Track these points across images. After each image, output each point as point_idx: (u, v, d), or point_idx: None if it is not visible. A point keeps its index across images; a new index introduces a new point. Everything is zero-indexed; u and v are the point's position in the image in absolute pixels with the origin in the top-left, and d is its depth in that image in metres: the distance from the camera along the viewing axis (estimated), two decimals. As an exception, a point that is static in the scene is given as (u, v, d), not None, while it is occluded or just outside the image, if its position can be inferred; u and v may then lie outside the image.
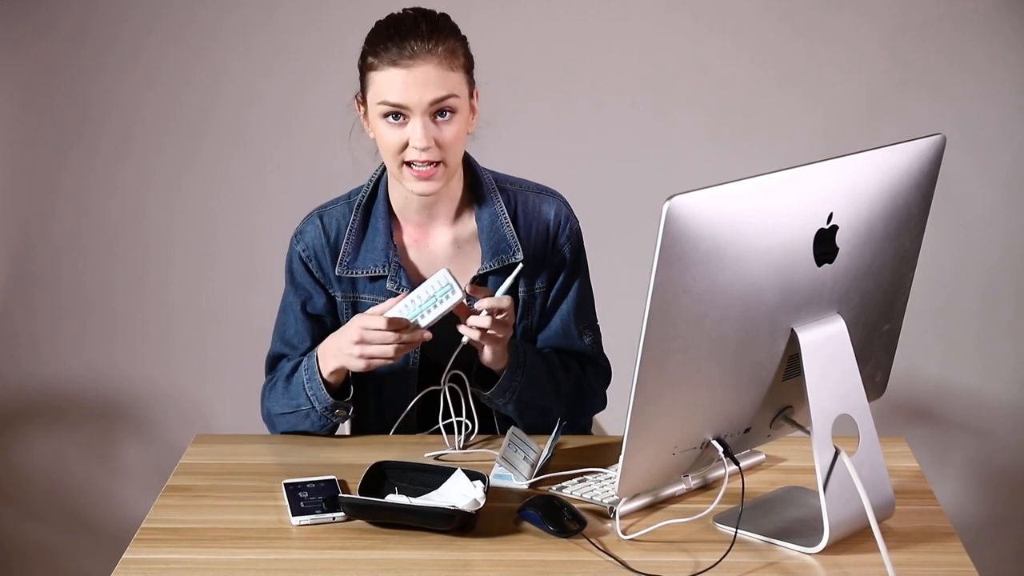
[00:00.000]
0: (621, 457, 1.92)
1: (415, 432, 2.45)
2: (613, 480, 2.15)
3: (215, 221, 3.65)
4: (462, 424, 2.37)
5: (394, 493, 2.13)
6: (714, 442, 1.99)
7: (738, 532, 1.99)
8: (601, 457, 2.28)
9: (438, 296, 2.25)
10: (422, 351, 2.42)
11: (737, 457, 2.02)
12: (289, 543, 2.04)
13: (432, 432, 2.40)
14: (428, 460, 2.30)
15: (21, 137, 3.62)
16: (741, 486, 2.03)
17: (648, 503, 2.12)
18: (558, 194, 2.48)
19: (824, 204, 1.92)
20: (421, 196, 2.34)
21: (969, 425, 3.69)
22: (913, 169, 2.01)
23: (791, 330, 1.95)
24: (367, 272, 2.41)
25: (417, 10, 2.34)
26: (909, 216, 2.03)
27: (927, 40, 3.55)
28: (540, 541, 2.02)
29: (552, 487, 2.18)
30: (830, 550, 1.97)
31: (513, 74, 3.54)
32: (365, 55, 2.32)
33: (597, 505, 2.11)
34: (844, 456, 1.96)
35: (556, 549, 2.00)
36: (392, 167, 2.33)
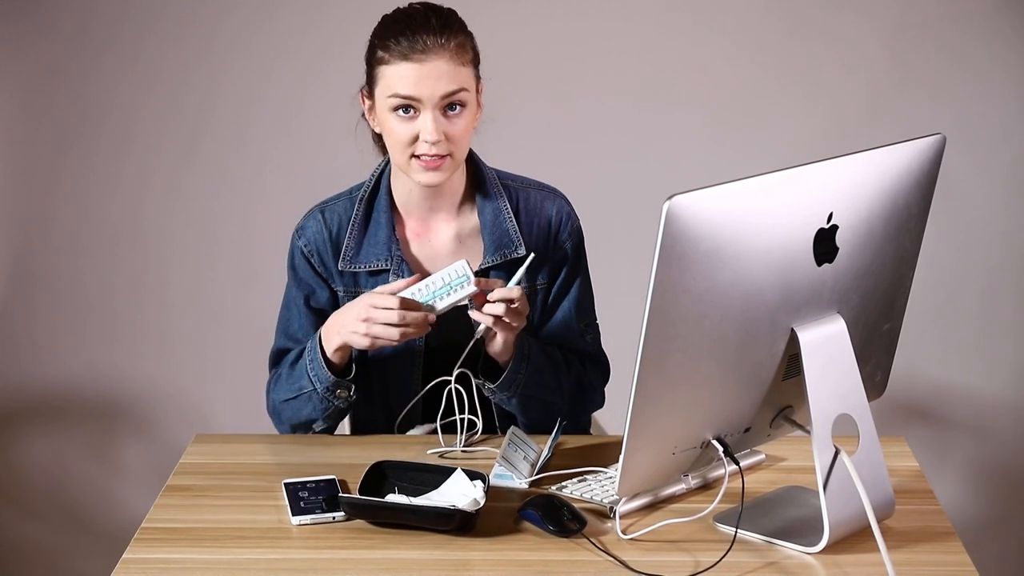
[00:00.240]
0: (621, 457, 1.91)
1: (420, 423, 2.45)
2: (613, 480, 2.15)
3: (215, 221, 3.65)
4: (465, 421, 2.37)
5: (394, 493, 2.13)
6: (714, 442, 1.99)
7: (738, 532, 1.99)
8: (601, 457, 2.28)
9: (453, 285, 2.25)
10: (427, 345, 2.42)
11: (737, 457, 2.02)
12: (289, 543, 2.04)
13: (432, 432, 2.40)
14: (428, 460, 2.30)
15: (21, 137, 3.62)
16: (741, 486, 2.03)
17: (648, 503, 2.12)
18: (560, 192, 2.49)
19: (824, 204, 1.92)
20: (427, 186, 2.35)
21: (969, 425, 3.69)
22: (913, 169, 2.01)
23: (791, 330, 1.95)
24: (369, 266, 2.42)
25: (426, 5, 2.35)
26: (909, 216, 2.03)
27: (927, 40, 3.55)
28: (540, 541, 2.02)
29: (552, 487, 2.18)
30: (830, 550, 1.97)
31: (513, 73, 3.54)
32: (374, 48, 2.32)
33: (597, 505, 2.11)
34: (844, 456, 1.96)
35: (556, 549, 2.00)
36: (400, 160, 2.33)
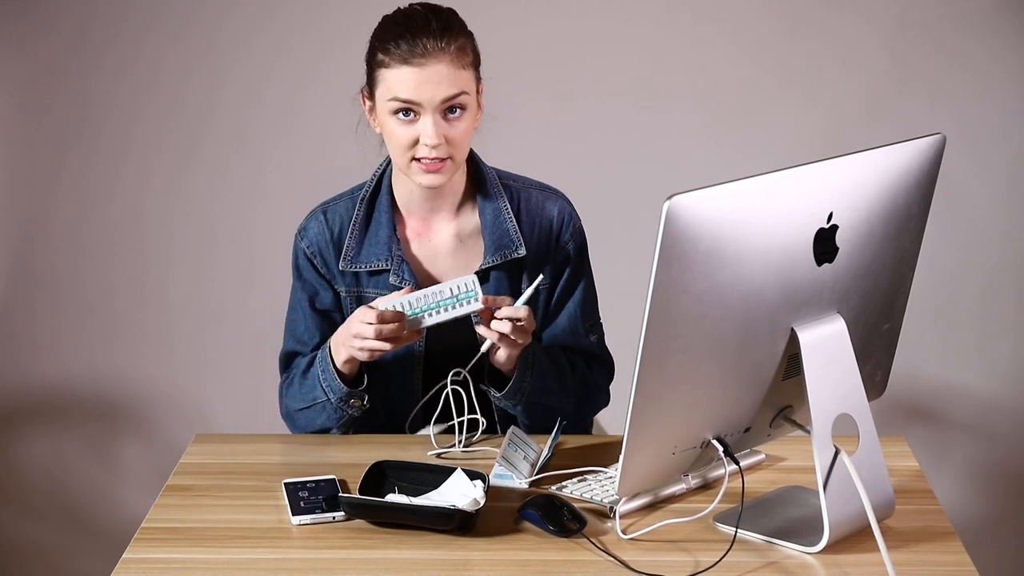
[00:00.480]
0: (621, 457, 1.91)
1: (422, 425, 2.46)
2: (613, 480, 2.15)
3: (215, 221, 3.65)
4: (465, 422, 2.37)
5: (394, 493, 2.13)
6: (714, 442, 1.99)
7: (738, 532, 1.99)
8: (601, 457, 2.28)
9: (460, 298, 2.26)
10: (427, 348, 2.42)
11: (737, 457, 2.02)
12: (289, 543, 2.04)
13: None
14: (428, 460, 2.30)
15: (21, 137, 3.62)
16: (741, 486, 2.03)
17: (648, 503, 2.12)
18: (561, 193, 2.49)
19: (824, 204, 1.92)
20: (428, 188, 2.35)
21: (969, 425, 3.69)
22: (913, 169, 2.01)
23: (791, 330, 1.95)
24: (370, 266, 2.42)
25: (426, 6, 2.34)
26: (909, 216, 2.03)
27: (927, 40, 3.55)
28: (540, 541, 2.02)
29: (552, 487, 2.18)
30: (830, 550, 1.97)
31: (514, 73, 3.54)
32: (375, 51, 2.32)
33: (597, 505, 2.11)
34: (844, 456, 1.96)
35: (556, 549, 2.00)
36: (401, 162, 2.34)
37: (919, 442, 3.49)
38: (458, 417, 2.36)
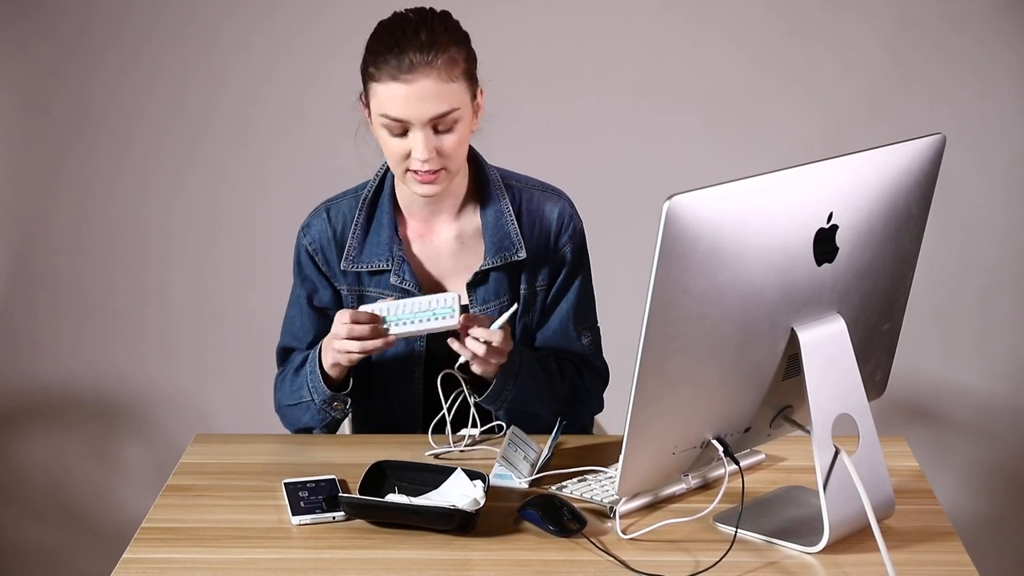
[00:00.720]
0: (621, 457, 1.92)
1: (422, 424, 2.45)
2: (613, 480, 2.15)
3: (215, 221, 3.65)
4: (471, 419, 2.38)
5: (394, 493, 2.13)
6: (714, 442, 1.99)
7: (738, 532, 1.99)
8: (601, 457, 2.28)
9: (437, 313, 2.25)
10: (428, 347, 2.43)
11: (737, 457, 2.02)
12: (289, 543, 2.04)
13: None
14: (428, 460, 2.30)
15: (21, 137, 3.62)
16: (741, 486, 2.03)
17: (648, 503, 2.12)
18: (563, 193, 2.48)
19: (824, 204, 1.92)
20: (424, 197, 2.35)
21: (969, 425, 3.69)
22: (913, 169, 2.01)
23: (791, 330, 1.95)
24: (371, 266, 2.42)
25: (419, 12, 2.32)
26: (909, 216, 2.03)
27: (927, 40, 3.55)
28: (540, 541, 2.02)
29: (552, 487, 2.18)
30: (830, 550, 1.97)
31: (513, 73, 3.53)
32: (367, 63, 2.30)
33: (597, 505, 2.11)
34: (844, 456, 1.96)
35: (556, 549, 2.00)
36: (397, 172, 2.34)
37: (919, 442, 3.49)
38: (452, 418, 2.37)
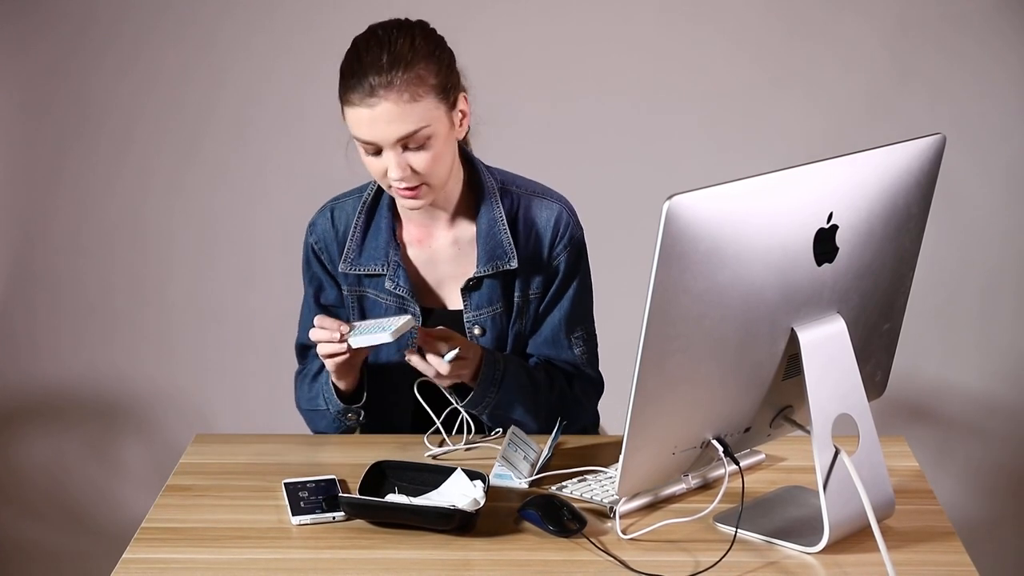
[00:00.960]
0: (621, 457, 1.92)
1: (412, 426, 2.46)
2: (613, 480, 2.15)
3: (215, 221, 3.65)
4: (464, 423, 2.38)
5: (394, 493, 2.13)
6: (714, 442, 1.99)
7: (738, 532, 1.99)
8: (601, 457, 2.28)
9: (385, 327, 2.24)
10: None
11: (737, 457, 2.02)
12: (289, 543, 2.04)
13: (432, 431, 2.40)
14: (428, 460, 2.30)
15: (21, 137, 3.62)
16: (741, 486, 2.03)
17: (648, 503, 2.12)
18: (563, 199, 2.46)
19: (824, 204, 1.92)
20: (412, 210, 2.37)
21: (969, 425, 3.69)
22: (913, 169, 2.01)
23: (791, 330, 1.95)
24: (368, 270, 2.42)
25: (388, 28, 2.28)
26: (909, 216, 2.03)
27: (927, 40, 3.55)
28: (540, 541, 2.02)
29: (552, 487, 2.18)
30: (830, 550, 1.97)
31: (514, 73, 3.54)
32: (339, 85, 2.29)
33: (597, 505, 2.11)
34: (844, 456, 1.96)
35: (556, 549, 2.00)
36: (383, 186, 2.34)
37: (919, 442, 3.49)
38: (443, 420, 2.37)
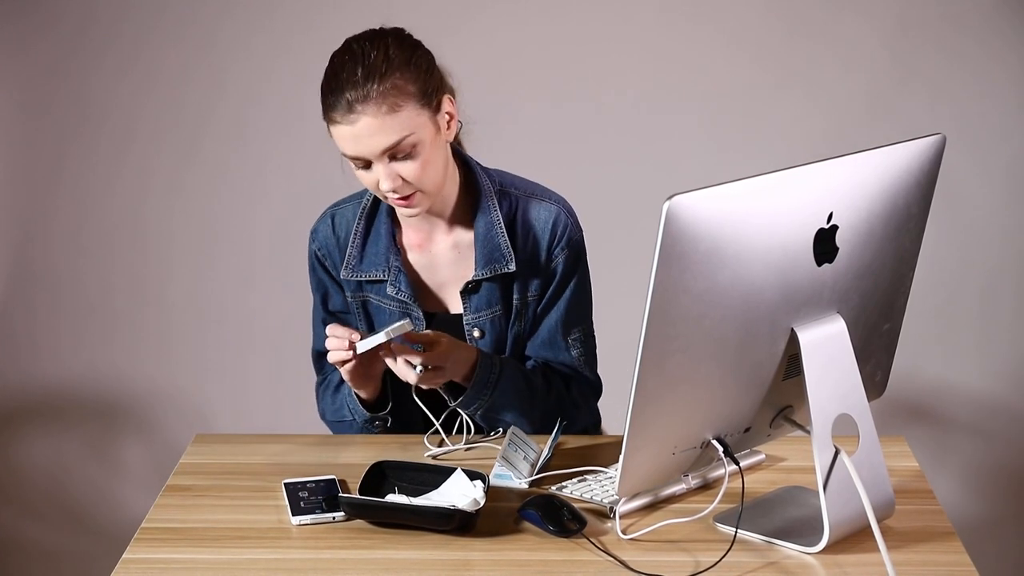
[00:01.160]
0: (621, 457, 1.92)
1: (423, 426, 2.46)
2: (613, 480, 2.15)
3: (215, 221, 3.65)
4: (464, 424, 2.38)
5: (394, 493, 2.13)
6: (714, 442, 1.99)
7: (738, 532, 1.99)
8: (601, 457, 2.28)
9: (389, 331, 2.24)
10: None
11: (737, 457, 2.02)
12: (289, 543, 2.04)
13: (432, 432, 2.40)
14: (428, 460, 2.30)
15: (21, 137, 3.62)
16: (741, 486, 2.03)
17: (648, 503, 2.12)
18: (562, 200, 2.45)
19: (824, 204, 1.92)
20: (410, 218, 2.37)
21: (969, 425, 3.69)
22: (913, 169, 2.01)
23: (791, 330, 1.95)
24: (369, 276, 2.42)
25: (362, 41, 2.28)
26: (909, 216, 2.03)
27: (927, 40, 3.55)
28: (540, 541, 2.02)
29: (552, 487, 2.18)
30: (830, 550, 1.97)
31: (514, 73, 3.54)
32: (321, 103, 2.29)
33: (597, 505, 2.11)
34: (844, 456, 1.96)
35: (556, 549, 2.00)
36: (379, 196, 2.34)
37: (919, 442, 3.49)
38: (436, 420, 2.37)
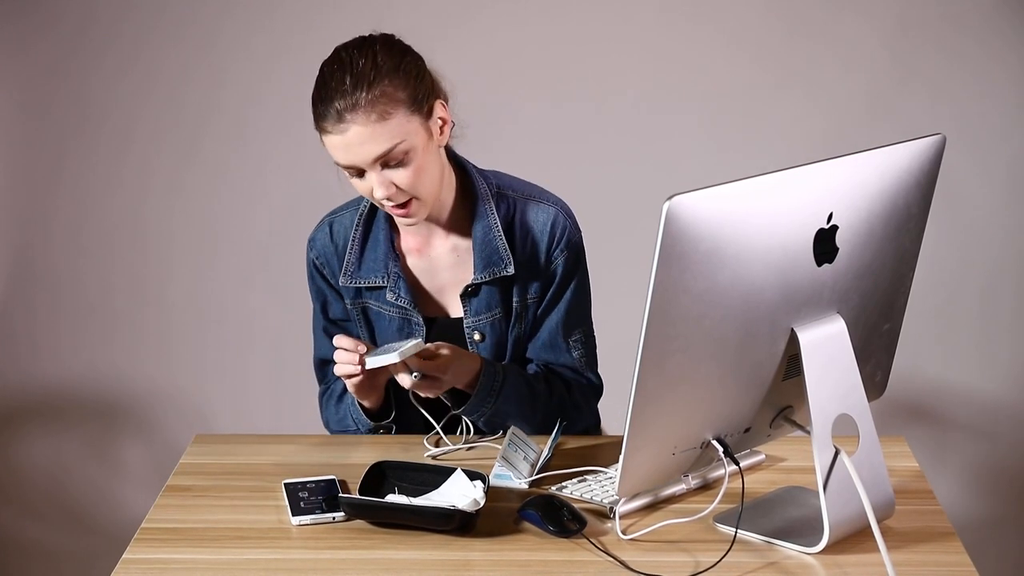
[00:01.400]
0: (621, 457, 1.92)
1: (421, 427, 2.46)
2: (613, 480, 2.15)
3: (215, 221, 3.65)
4: (465, 426, 2.38)
5: (394, 493, 2.13)
6: (714, 442, 1.99)
7: (738, 532, 1.99)
8: (601, 457, 2.28)
9: (396, 347, 2.24)
10: None
11: (737, 457, 2.02)
12: (289, 543, 2.04)
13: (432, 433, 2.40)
14: (428, 460, 2.30)
15: (21, 137, 3.62)
16: (741, 486, 2.03)
17: (648, 503, 2.12)
18: (560, 201, 2.44)
19: (824, 204, 1.92)
20: (408, 226, 2.37)
21: (969, 425, 3.69)
22: (913, 169, 2.01)
23: (791, 330, 1.95)
24: (368, 282, 2.42)
25: (351, 50, 2.27)
26: (909, 216, 2.03)
27: (927, 40, 3.55)
28: (540, 541, 2.02)
29: (552, 487, 2.18)
30: (830, 550, 1.97)
31: (514, 73, 3.54)
32: (312, 113, 2.27)
33: (597, 505, 2.11)
34: (844, 456, 1.96)
35: (556, 549, 2.00)
36: (375, 204, 2.34)
37: (919, 442, 3.49)
38: (432, 420, 2.38)
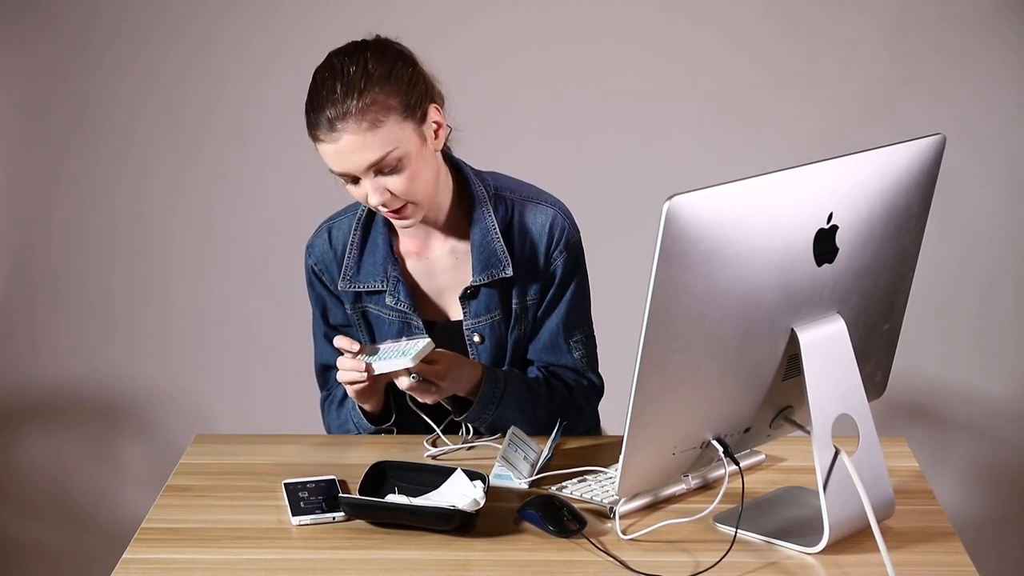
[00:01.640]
0: (621, 457, 1.92)
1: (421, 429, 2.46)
2: (613, 480, 2.15)
3: (215, 221, 3.65)
4: (467, 428, 2.38)
5: (394, 493, 2.13)
6: (714, 442, 1.99)
7: (738, 532, 1.99)
8: (601, 457, 2.28)
9: (406, 351, 2.24)
10: None
11: (737, 457, 2.02)
12: (289, 543, 2.04)
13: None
14: (428, 460, 2.30)
15: (21, 137, 3.62)
16: (741, 486, 2.03)
17: (648, 503, 2.12)
18: (558, 202, 2.44)
19: (824, 204, 1.92)
20: (405, 229, 2.36)
21: (969, 425, 3.69)
22: (913, 169, 2.01)
23: (791, 330, 1.95)
24: (367, 286, 2.42)
25: (340, 56, 2.26)
26: (909, 216, 2.03)
27: (927, 40, 3.55)
28: (540, 541, 2.02)
29: (552, 487, 2.18)
30: (830, 550, 1.97)
31: (514, 73, 3.54)
32: (305, 121, 2.27)
33: (597, 505, 2.11)
34: (844, 456, 1.96)
35: (556, 549, 2.00)
36: (372, 209, 2.34)
37: (919, 442, 3.49)
38: (431, 422, 2.38)
